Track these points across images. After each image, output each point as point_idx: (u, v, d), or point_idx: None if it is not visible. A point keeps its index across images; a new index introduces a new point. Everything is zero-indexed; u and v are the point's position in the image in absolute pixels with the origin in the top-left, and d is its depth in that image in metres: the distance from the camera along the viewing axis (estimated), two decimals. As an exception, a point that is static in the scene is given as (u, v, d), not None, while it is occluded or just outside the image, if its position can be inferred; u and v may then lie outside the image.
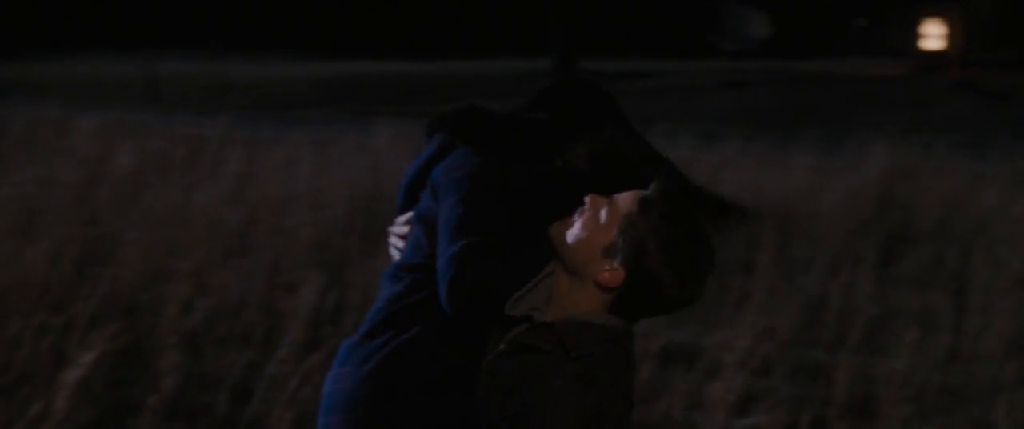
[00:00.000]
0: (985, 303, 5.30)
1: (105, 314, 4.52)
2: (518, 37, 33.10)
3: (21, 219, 5.86)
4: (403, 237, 2.25)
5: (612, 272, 1.99)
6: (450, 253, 1.98)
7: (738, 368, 4.30)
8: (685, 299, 2.00)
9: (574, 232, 2.02)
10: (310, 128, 13.71)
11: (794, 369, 4.77)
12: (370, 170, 8.53)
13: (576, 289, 2.04)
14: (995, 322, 5.06)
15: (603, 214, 2.03)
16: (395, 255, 2.26)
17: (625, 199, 2.02)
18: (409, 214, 2.25)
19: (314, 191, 7.42)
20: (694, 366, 4.55)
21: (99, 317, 4.42)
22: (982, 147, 10.73)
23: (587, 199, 2.05)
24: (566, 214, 2.06)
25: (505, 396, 1.98)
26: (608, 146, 2.14)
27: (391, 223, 2.30)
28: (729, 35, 37.95)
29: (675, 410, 4.23)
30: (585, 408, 1.94)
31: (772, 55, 32.82)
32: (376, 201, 6.88)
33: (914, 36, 27.38)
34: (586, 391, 1.94)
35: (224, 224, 6.14)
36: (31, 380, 4.03)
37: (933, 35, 27.15)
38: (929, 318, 5.33)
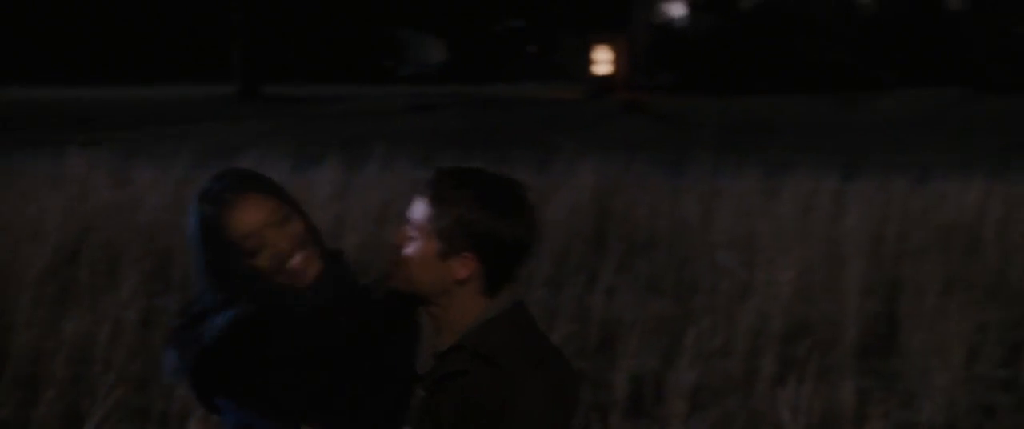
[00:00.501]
0: (712, 305, 5.75)
1: None
2: (202, 62, 32.02)
3: None
4: None
5: (462, 262, 2.03)
6: None
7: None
8: (530, 231, 2.07)
9: (408, 265, 2.06)
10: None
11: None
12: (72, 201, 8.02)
13: (451, 307, 2.07)
14: (722, 323, 5.50)
15: (410, 233, 2.07)
16: None
17: (414, 211, 2.07)
18: None
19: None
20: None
21: None
22: (676, 164, 11.60)
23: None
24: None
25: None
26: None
27: None
28: (406, 60, 38.56)
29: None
30: (541, 391, 1.98)
31: (449, 80, 33.69)
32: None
33: (586, 62, 29.06)
34: (532, 374, 1.99)
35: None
36: None
37: (602, 61, 28.97)
38: (661, 323, 5.71)
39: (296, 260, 2.11)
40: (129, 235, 7.03)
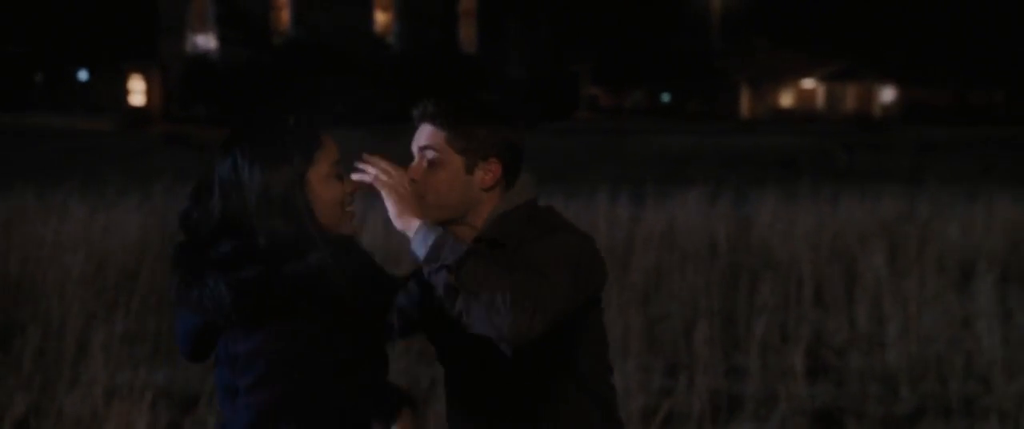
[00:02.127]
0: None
1: None
2: None
3: None
4: None
5: (487, 169, 2.23)
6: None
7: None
8: (521, 129, 2.30)
9: (436, 190, 2.21)
10: None
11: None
12: None
13: (479, 216, 2.27)
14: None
15: (427, 160, 2.21)
16: None
17: (428, 140, 2.21)
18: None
19: None
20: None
21: None
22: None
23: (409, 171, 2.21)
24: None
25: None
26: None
27: None
28: None
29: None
30: (565, 247, 2.16)
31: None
32: None
33: (120, 92, 28.12)
34: (555, 234, 2.18)
35: None
36: None
37: (137, 91, 28.16)
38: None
39: (355, 205, 2.20)
40: None
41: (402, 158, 2.30)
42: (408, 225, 2.13)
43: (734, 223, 9.53)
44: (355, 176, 2.17)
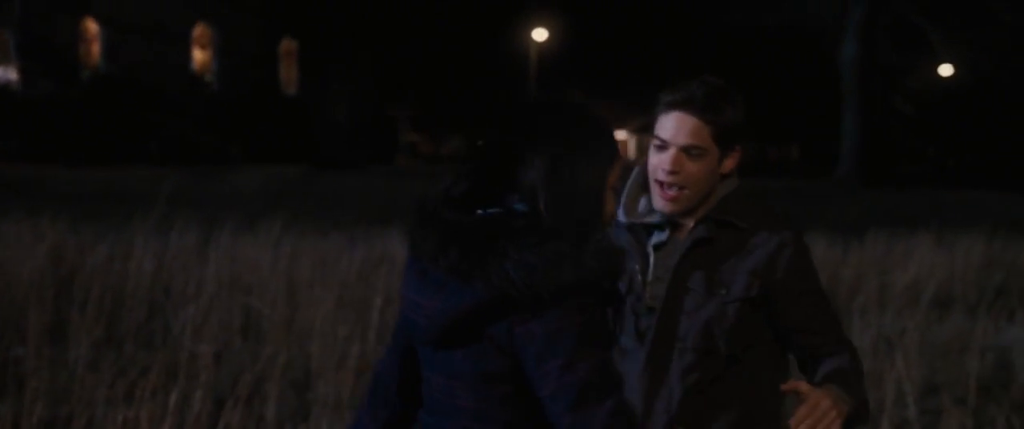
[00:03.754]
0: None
1: None
2: None
3: None
4: None
5: (733, 157, 2.43)
6: (599, 419, 1.93)
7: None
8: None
9: (696, 180, 2.36)
10: None
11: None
12: None
13: (710, 197, 2.43)
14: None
15: (691, 152, 2.36)
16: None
17: (686, 135, 2.35)
18: None
19: None
20: None
21: None
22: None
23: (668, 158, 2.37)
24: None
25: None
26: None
27: None
28: None
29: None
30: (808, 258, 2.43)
31: None
32: None
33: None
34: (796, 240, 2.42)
35: None
36: None
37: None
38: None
39: (610, 220, 2.15)
40: None
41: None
42: None
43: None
44: None
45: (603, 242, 1.97)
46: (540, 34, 44.65)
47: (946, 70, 35.32)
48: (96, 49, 31.11)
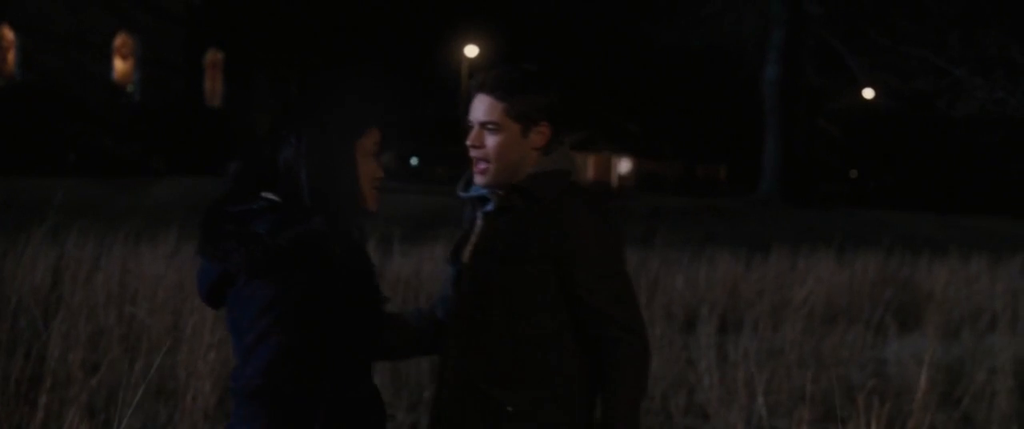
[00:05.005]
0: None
1: None
2: None
3: None
4: None
5: (540, 132, 2.57)
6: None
7: None
8: (565, 98, 2.62)
9: (498, 153, 2.54)
10: None
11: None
12: None
13: (521, 169, 2.58)
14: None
15: (487, 129, 2.55)
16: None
17: (485, 113, 2.54)
18: None
19: None
20: None
21: None
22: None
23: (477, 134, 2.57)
24: None
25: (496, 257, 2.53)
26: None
27: None
28: None
29: None
30: (608, 239, 2.55)
31: None
32: None
33: None
34: (600, 222, 2.53)
35: None
36: None
37: None
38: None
39: (379, 183, 2.45)
40: None
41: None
42: None
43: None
44: None
45: (319, 226, 2.27)
46: (471, 51, 44.81)
47: (870, 93, 36.04)
48: (12, 57, 30.49)
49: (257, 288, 2.30)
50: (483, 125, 2.54)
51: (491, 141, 2.54)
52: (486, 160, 2.55)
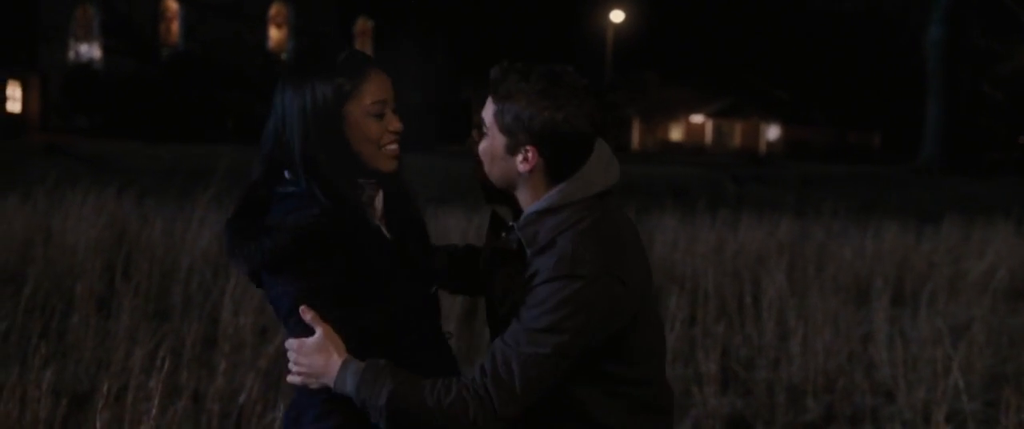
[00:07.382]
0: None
1: None
2: None
3: None
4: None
5: (524, 156, 2.12)
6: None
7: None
8: (590, 122, 2.11)
9: (484, 157, 2.19)
10: None
11: None
12: None
13: (523, 197, 2.19)
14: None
15: (483, 130, 2.17)
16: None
17: (485, 110, 2.17)
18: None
19: None
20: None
21: None
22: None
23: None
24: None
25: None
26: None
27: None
28: None
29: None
30: (566, 300, 2.04)
31: None
32: None
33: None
34: (565, 284, 2.05)
35: None
36: None
37: (13, 98, 27.10)
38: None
39: (395, 146, 2.22)
40: None
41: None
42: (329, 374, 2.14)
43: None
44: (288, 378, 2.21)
45: (313, 211, 2.11)
46: (617, 16, 44.24)
47: (1039, 56, 34.13)
48: (175, 28, 31.56)
49: (279, 284, 2.16)
50: (478, 123, 2.19)
51: (483, 144, 2.17)
52: (480, 159, 2.21)
